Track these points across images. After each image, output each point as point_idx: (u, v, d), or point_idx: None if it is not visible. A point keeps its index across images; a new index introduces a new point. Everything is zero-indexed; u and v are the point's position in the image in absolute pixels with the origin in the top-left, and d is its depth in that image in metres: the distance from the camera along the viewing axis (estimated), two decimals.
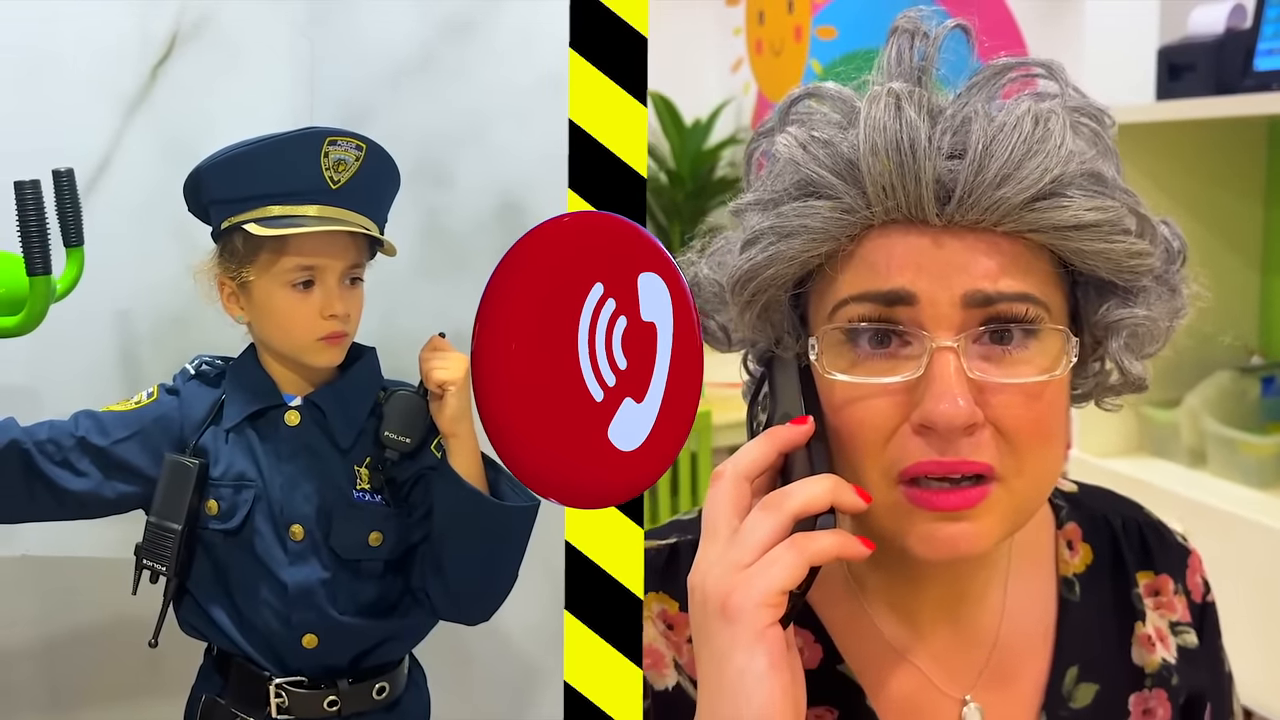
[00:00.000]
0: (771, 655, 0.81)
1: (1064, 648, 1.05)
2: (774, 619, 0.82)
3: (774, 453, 0.89)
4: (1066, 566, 1.09)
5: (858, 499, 0.87)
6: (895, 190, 0.85)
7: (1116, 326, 0.93)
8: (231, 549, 1.54)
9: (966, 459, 0.86)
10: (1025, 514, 0.92)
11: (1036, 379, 0.88)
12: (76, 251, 1.52)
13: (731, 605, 0.82)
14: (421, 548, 1.57)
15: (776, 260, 0.91)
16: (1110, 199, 0.88)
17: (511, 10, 1.85)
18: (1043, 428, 0.89)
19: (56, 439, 1.52)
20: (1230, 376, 2.80)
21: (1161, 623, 1.10)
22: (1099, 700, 1.05)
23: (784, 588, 0.82)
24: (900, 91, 0.86)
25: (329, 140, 1.48)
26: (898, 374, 0.88)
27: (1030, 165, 0.84)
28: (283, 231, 1.46)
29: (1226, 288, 2.90)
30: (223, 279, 1.53)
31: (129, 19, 1.80)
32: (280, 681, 1.53)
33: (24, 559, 1.82)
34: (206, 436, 1.56)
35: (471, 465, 1.51)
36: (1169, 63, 2.71)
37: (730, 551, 0.84)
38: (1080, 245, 0.87)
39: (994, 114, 0.86)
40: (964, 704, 1.02)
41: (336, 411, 1.56)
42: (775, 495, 0.86)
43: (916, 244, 0.87)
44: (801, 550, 0.82)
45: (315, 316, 1.50)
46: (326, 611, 1.52)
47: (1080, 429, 3.03)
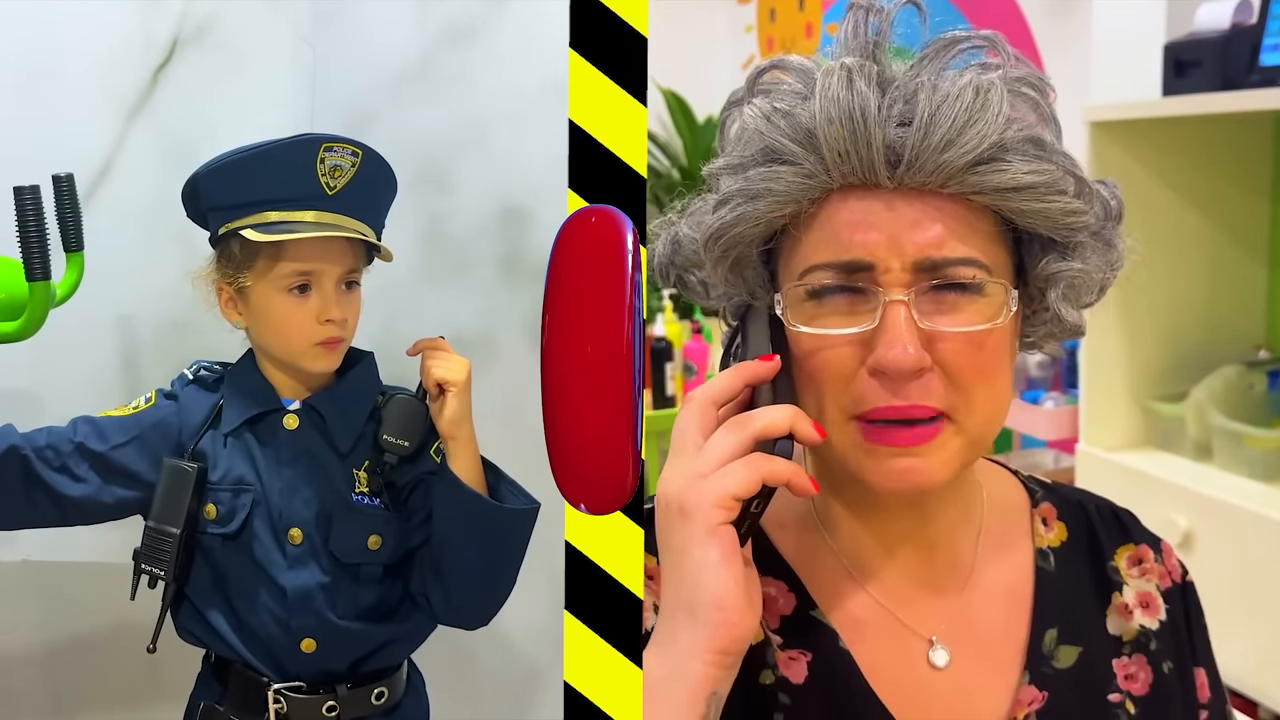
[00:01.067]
0: (723, 549, 0.88)
1: (1041, 611, 1.10)
2: (726, 519, 0.89)
3: (741, 384, 0.97)
4: (1041, 539, 1.14)
5: (813, 431, 0.94)
6: (849, 156, 0.93)
7: (1055, 278, 1.00)
8: (230, 553, 1.53)
9: (917, 403, 0.94)
10: (976, 449, 1.00)
11: (979, 327, 0.95)
12: (76, 257, 1.52)
13: (688, 504, 0.90)
14: (421, 552, 1.56)
15: (744, 220, 0.98)
16: (1048, 163, 0.95)
17: (512, 15, 1.85)
18: (986, 371, 0.96)
19: (55, 445, 1.52)
20: (1237, 370, 2.80)
21: (1148, 586, 1.14)
22: (1082, 661, 1.09)
23: (736, 494, 0.89)
24: (852, 66, 0.93)
25: (325, 146, 1.48)
26: (856, 325, 0.95)
27: (970, 132, 0.91)
28: (279, 237, 1.46)
29: (1233, 282, 2.89)
30: (220, 284, 1.53)
31: (130, 23, 1.80)
32: (279, 687, 1.53)
33: (25, 564, 1.82)
34: (205, 441, 1.56)
35: (471, 468, 1.51)
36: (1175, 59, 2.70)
37: (694, 463, 0.91)
38: (1020, 205, 0.95)
39: (939, 85, 0.93)
40: (931, 644, 1.07)
41: (335, 416, 1.56)
42: (740, 417, 0.94)
43: (872, 207, 0.95)
44: (756, 467, 0.90)
45: (312, 321, 1.50)
46: (325, 616, 1.52)
47: (1086, 423, 3.02)
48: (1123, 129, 2.65)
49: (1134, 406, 2.95)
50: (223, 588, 1.55)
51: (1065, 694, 1.07)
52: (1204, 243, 2.82)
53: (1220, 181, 2.83)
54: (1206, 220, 2.81)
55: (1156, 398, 2.91)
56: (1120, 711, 1.08)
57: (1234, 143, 2.83)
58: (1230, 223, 2.87)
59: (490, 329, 1.86)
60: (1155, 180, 2.70)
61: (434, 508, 1.53)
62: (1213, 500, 2.56)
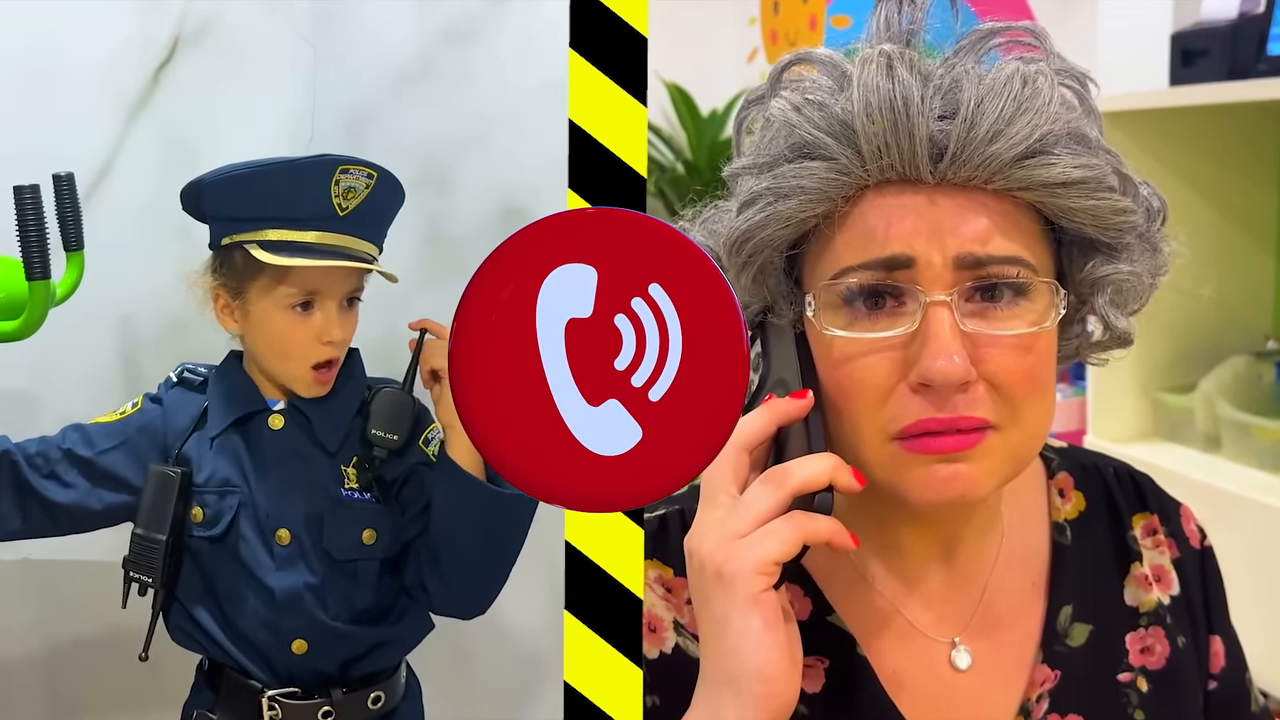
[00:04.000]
0: (766, 617, 0.84)
1: (1057, 589, 1.07)
2: (768, 585, 0.85)
3: (774, 425, 0.92)
4: (1058, 513, 1.11)
5: (854, 481, 0.89)
6: (890, 149, 0.88)
7: (1103, 283, 0.95)
8: (217, 556, 1.53)
9: (964, 414, 0.89)
10: (1021, 462, 0.94)
11: (1027, 330, 0.90)
12: (76, 256, 1.51)
13: (727, 572, 0.85)
14: (417, 542, 1.56)
15: (773, 221, 0.93)
16: (1094, 158, 0.90)
17: (513, 16, 1.84)
18: (1034, 379, 0.91)
19: (45, 452, 1.52)
20: (1245, 361, 2.79)
21: (1162, 559, 1.12)
22: (1092, 639, 1.06)
23: (778, 560, 0.85)
24: (892, 53, 0.88)
25: (341, 169, 1.46)
26: (893, 329, 0.90)
27: (1020, 123, 0.87)
28: (291, 262, 1.44)
29: (1242, 272, 2.88)
30: (218, 291, 1.53)
31: (131, 22, 1.80)
32: (273, 693, 1.52)
33: (25, 563, 1.82)
34: (190, 443, 1.55)
35: (471, 456, 1.49)
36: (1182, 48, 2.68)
37: (729, 520, 0.87)
38: (1067, 202, 0.90)
39: (984, 75, 0.88)
40: (953, 646, 1.04)
41: (321, 415, 1.55)
42: (777, 471, 0.88)
43: (911, 203, 0.89)
44: (798, 527, 0.85)
45: (313, 341, 1.50)
46: (315, 616, 1.51)
47: (1095, 413, 3.01)
48: (1130, 119, 2.63)
49: (1142, 398, 2.94)
50: (212, 590, 1.55)
51: (1076, 673, 1.05)
52: (1212, 233, 2.81)
53: (1228, 172, 2.82)
54: (1215, 211, 2.80)
55: (1165, 389, 2.90)
56: (1130, 691, 1.06)
57: (1242, 132, 2.81)
58: (1239, 213, 2.86)
59: None
60: (1163, 170, 2.68)
61: (433, 495, 1.53)
62: (1221, 491, 2.55)
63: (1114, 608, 1.09)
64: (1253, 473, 2.60)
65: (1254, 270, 2.92)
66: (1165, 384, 2.90)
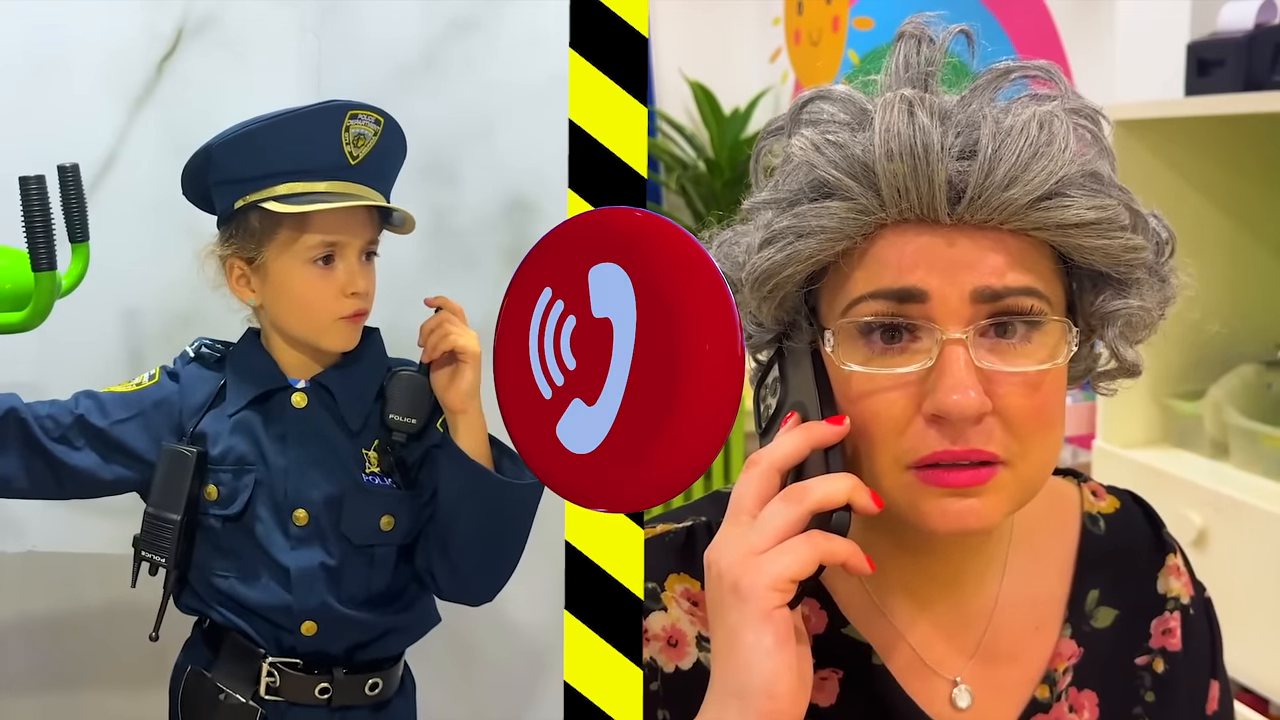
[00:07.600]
0: (778, 634, 0.85)
1: (1083, 572, 1.10)
2: (782, 602, 0.86)
3: (808, 448, 0.93)
4: (1091, 506, 1.14)
5: (871, 502, 0.91)
6: (909, 192, 0.89)
7: (1113, 317, 0.98)
8: (233, 534, 1.53)
9: (977, 448, 0.91)
10: (1029, 493, 0.96)
11: (1039, 368, 0.92)
12: (82, 247, 1.52)
13: (743, 586, 0.86)
14: (426, 528, 1.55)
15: (794, 259, 0.94)
16: (1108, 197, 0.92)
17: (517, 9, 1.84)
18: (1044, 415, 0.93)
19: (56, 415, 1.51)
20: (1254, 369, 2.78)
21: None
22: (1119, 623, 1.09)
23: (794, 577, 0.86)
24: (912, 98, 0.90)
25: (350, 114, 1.46)
26: (910, 365, 0.92)
27: (1036, 167, 0.88)
28: (308, 208, 1.43)
29: (1255, 282, 2.87)
30: (233, 260, 1.51)
31: (135, 15, 1.81)
32: (275, 660, 1.52)
33: (30, 555, 1.83)
34: (207, 420, 1.54)
35: (477, 443, 1.49)
36: (1198, 58, 2.67)
37: (748, 536, 0.88)
38: (1081, 242, 0.92)
39: (1001, 118, 0.90)
40: (954, 685, 1.05)
41: (345, 393, 1.54)
42: (796, 488, 0.90)
43: (928, 243, 0.91)
44: (815, 546, 0.87)
45: (337, 294, 1.48)
46: (327, 600, 1.51)
47: (1104, 420, 3.01)
48: (1146, 127, 2.63)
49: (1152, 404, 2.94)
50: (226, 567, 1.54)
51: (1098, 653, 1.07)
52: (1225, 242, 2.80)
53: (1242, 181, 2.81)
54: (1228, 219, 2.79)
55: (1174, 395, 2.90)
56: (1145, 674, 1.09)
57: (1256, 143, 2.81)
58: (1251, 222, 2.85)
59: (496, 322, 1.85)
60: (1177, 179, 2.67)
61: (438, 481, 1.52)
62: (1228, 498, 2.54)
63: (1146, 593, 1.12)
64: (1260, 480, 2.60)
65: (1266, 279, 2.91)
66: (1175, 390, 2.89)
